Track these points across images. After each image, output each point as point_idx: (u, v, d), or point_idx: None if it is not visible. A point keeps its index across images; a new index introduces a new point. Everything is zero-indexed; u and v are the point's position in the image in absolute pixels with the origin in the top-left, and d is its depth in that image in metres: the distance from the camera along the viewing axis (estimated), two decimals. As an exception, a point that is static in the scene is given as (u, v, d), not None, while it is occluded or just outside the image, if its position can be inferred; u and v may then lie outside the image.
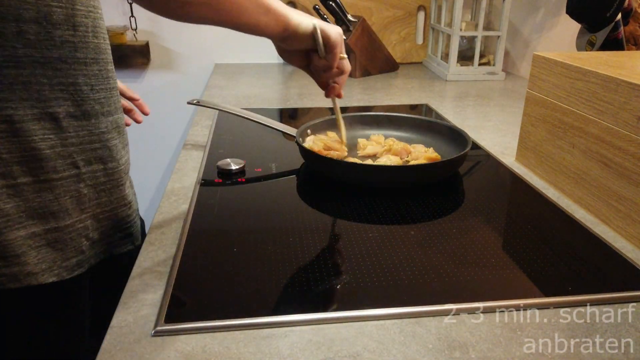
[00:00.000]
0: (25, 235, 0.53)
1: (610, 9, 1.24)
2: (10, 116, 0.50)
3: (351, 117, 0.97)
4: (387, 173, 0.76)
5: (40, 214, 0.54)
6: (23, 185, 0.52)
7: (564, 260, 0.60)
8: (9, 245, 0.52)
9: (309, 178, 0.83)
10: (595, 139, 0.70)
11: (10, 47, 0.49)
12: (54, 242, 0.55)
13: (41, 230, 0.54)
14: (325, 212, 0.71)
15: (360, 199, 0.73)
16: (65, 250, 0.56)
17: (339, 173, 0.78)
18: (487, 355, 0.46)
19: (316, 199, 0.76)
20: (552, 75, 0.79)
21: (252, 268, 0.57)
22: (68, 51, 0.53)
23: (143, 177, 1.81)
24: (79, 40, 0.54)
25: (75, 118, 0.55)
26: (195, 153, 0.91)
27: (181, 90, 1.71)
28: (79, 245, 0.58)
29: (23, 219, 0.53)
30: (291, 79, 1.54)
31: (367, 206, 0.71)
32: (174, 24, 1.65)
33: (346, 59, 0.76)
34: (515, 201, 0.79)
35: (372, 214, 0.69)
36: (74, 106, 0.55)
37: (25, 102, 0.51)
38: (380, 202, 0.72)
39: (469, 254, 0.60)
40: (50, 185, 0.54)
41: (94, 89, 0.57)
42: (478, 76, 1.58)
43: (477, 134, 1.05)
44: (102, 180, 0.60)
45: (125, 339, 0.47)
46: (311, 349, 0.46)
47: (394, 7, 1.71)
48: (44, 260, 0.55)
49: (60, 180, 0.55)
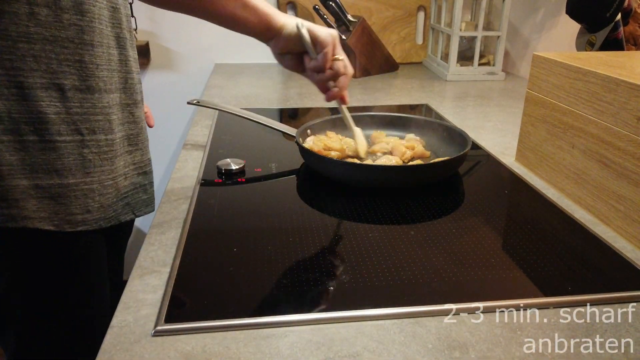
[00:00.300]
0: (28, 185, 0.60)
1: (610, 9, 1.24)
2: (21, 83, 0.57)
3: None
4: (388, 173, 0.76)
5: (45, 169, 0.61)
6: (29, 143, 0.59)
7: (564, 260, 0.60)
8: (10, 190, 0.60)
9: (309, 178, 0.83)
10: (595, 139, 0.70)
11: (24, 25, 0.56)
12: (57, 196, 0.62)
13: (45, 184, 0.61)
14: (325, 212, 0.71)
15: (360, 198, 0.73)
16: (70, 205, 0.63)
17: (338, 173, 0.78)
18: (487, 355, 0.46)
19: (316, 199, 0.76)
20: (552, 75, 0.79)
21: (252, 268, 0.57)
22: (75, 33, 0.59)
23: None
24: (85, 25, 0.60)
25: (80, 91, 0.61)
26: (195, 153, 0.91)
27: (181, 90, 1.71)
28: (85, 204, 0.64)
29: (27, 171, 0.60)
30: (291, 79, 1.54)
31: (367, 206, 0.71)
32: (174, 24, 1.66)
33: (344, 61, 0.75)
34: (515, 201, 0.79)
35: (372, 214, 0.69)
36: (80, 80, 0.61)
37: (35, 72, 0.58)
38: (380, 202, 0.72)
39: (468, 254, 0.60)
40: (54, 146, 0.61)
41: (99, 68, 0.63)
42: (478, 76, 1.58)
43: (476, 134, 1.05)
44: (105, 149, 0.66)
45: (126, 338, 0.47)
46: (311, 349, 0.46)
47: (393, 7, 1.71)
48: (44, 209, 0.62)
49: (64, 143, 0.61)
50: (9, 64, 0.56)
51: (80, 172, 0.63)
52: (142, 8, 1.61)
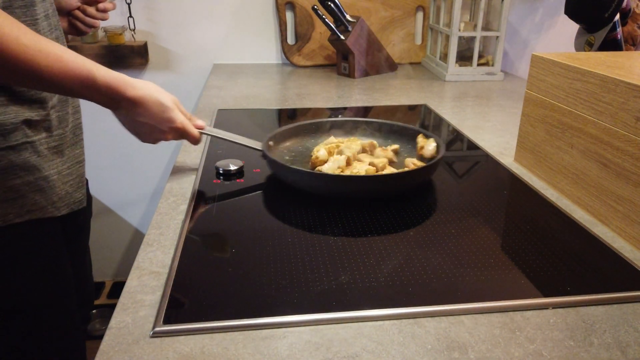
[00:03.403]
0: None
1: (608, 10, 1.24)
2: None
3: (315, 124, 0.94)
4: (358, 184, 0.72)
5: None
6: None
7: (563, 261, 0.60)
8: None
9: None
10: (593, 139, 0.70)
11: None
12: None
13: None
14: (325, 212, 0.71)
15: (358, 199, 0.73)
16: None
17: (321, 186, 0.74)
18: (486, 355, 0.45)
19: (315, 199, 0.76)
20: (550, 75, 0.79)
21: (250, 269, 0.57)
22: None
23: (142, 178, 1.81)
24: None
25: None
26: (194, 153, 0.91)
27: (180, 90, 1.71)
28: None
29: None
30: (290, 79, 1.54)
31: (366, 206, 0.71)
32: (172, 24, 1.66)
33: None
34: (514, 201, 0.79)
35: (371, 214, 0.69)
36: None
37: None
38: (378, 203, 0.72)
39: (467, 254, 0.60)
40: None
41: None
42: (477, 76, 1.58)
43: (475, 134, 1.05)
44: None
45: (124, 340, 0.47)
46: (310, 350, 0.46)
47: (392, 7, 1.71)
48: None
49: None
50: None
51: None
52: (141, 8, 1.61)
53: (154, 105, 0.69)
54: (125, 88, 0.66)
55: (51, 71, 0.58)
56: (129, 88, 0.66)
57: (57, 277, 0.76)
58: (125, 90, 0.66)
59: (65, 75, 0.60)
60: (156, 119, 0.70)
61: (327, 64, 1.69)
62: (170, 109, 0.71)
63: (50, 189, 0.72)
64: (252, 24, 1.68)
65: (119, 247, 1.89)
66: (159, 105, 0.69)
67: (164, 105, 0.70)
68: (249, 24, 1.68)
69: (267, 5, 1.66)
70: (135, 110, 0.68)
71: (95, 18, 0.97)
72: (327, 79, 1.54)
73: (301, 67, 1.68)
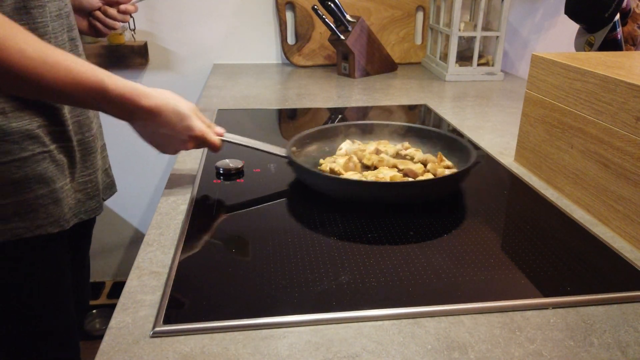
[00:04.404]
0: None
1: (608, 10, 1.24)
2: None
3: (348, 126, 0.93)
4: (394, 190, 0.72)
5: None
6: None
7: (563, 261, 0.60)
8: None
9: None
10: (593, 139, 0.70)
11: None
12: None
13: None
14: (324, 212, 0.71)
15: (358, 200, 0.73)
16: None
17: (346, 191, 0.73)
18: (486, 355, 0.45)
19: (315, 199, 0.76)
20: (550, 75, 0.79)
21: (250, 269, 0.57)
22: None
23: (142, 178, 1.81)
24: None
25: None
26: (194, 153, 0.91)
27: (180, 90, 1.69)
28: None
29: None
30: (290, 79, 1.54)
31: (366, 207, 0.71)
32: (172, 24, 1.66)
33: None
34: (514, 201, 0.79)
35: (371, 213, 0.69)
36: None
37: None
38: (379, 204, 0.72)
39: (467, 254, 0.60)
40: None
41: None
42: (477, 76, 1.58)
43: (475, 135, 1.05)
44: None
45: (124, 340, 0.47)
46: (310, 350, 0.46)
47: (392, 7, 1.71)
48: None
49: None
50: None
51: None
52: (141, 8, 1.61)
53: (171, 114, 0.66)
54: (139, 98, 0.62)
55: (60, 83, 0.56)
56: (142, 98, 0.63)
57: (57, 280, 0.76)
58: (139, 100, 0.62)
59: (75, 87, 0.57)
60: (175, 128, 0.67)
61: (327, 64, 1.69)
62: (189, 117, 0.68)
63: (62, 200, 0.69)
64: (252, 24, 1.68)
65: (119, 247, 1.89)
66: (177, 114, 0.66)
67: (182, 114, 0.67)
68: (249, 24, 1.68)
69: (267, 5, 1.67)
70: (152, 121, 0.65)
71: (115, 20, 0.95)
72: (327, 79, 1.54)
73: (301, 67, 1.68)
